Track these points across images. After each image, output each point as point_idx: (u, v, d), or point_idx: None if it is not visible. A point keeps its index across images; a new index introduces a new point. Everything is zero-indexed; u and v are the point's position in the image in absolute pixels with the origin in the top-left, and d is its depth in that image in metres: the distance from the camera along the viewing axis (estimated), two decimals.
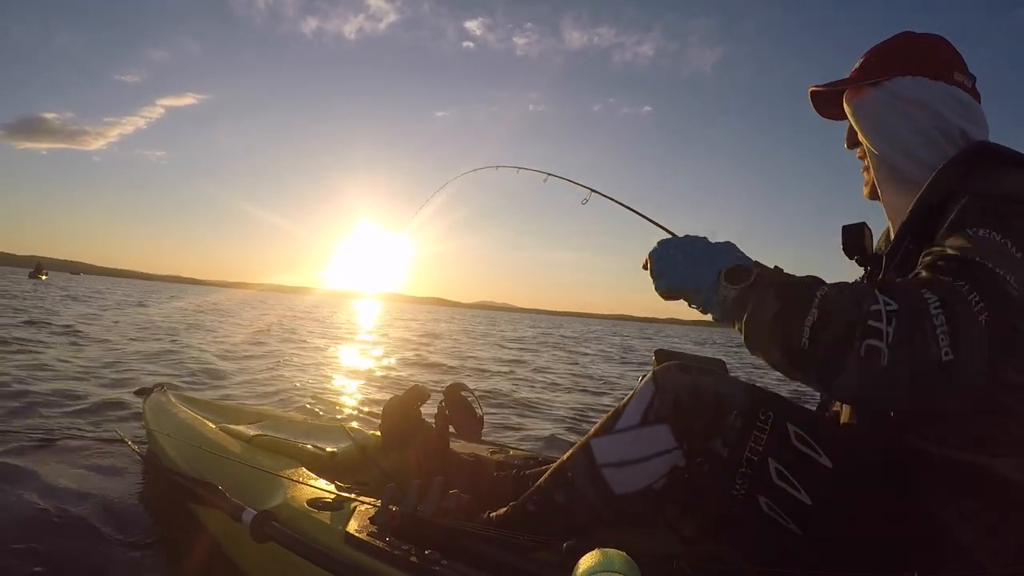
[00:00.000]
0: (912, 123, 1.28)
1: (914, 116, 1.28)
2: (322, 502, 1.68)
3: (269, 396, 5.55)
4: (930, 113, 1.26)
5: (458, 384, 2.16)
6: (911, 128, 1.28)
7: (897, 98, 1.30)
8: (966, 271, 0.93)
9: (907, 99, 1.29)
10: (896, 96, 1.30)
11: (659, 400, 1.37)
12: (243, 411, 3.07)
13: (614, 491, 1.38)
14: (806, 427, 1.26)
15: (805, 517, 1.22)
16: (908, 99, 1.28)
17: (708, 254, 1.19)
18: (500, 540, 1.38)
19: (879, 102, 1.33)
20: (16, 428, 3.60)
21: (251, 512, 1.59)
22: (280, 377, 6.72)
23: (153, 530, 2.43)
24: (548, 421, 5.44)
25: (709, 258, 1.18)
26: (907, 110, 1.29)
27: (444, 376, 7.82)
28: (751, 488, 1.26)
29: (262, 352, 9.12)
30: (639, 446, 1.37)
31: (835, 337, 0.93)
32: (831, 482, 1.21)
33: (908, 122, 1.28)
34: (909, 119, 1.28)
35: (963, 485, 1.11)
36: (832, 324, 0.94)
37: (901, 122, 1.29)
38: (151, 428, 2.76)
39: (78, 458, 3.18)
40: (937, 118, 1.26)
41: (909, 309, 0.89)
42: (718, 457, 1.30)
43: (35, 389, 4.80)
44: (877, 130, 1.33)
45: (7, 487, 2.66)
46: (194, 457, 2.24)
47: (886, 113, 1.31)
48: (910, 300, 0.90)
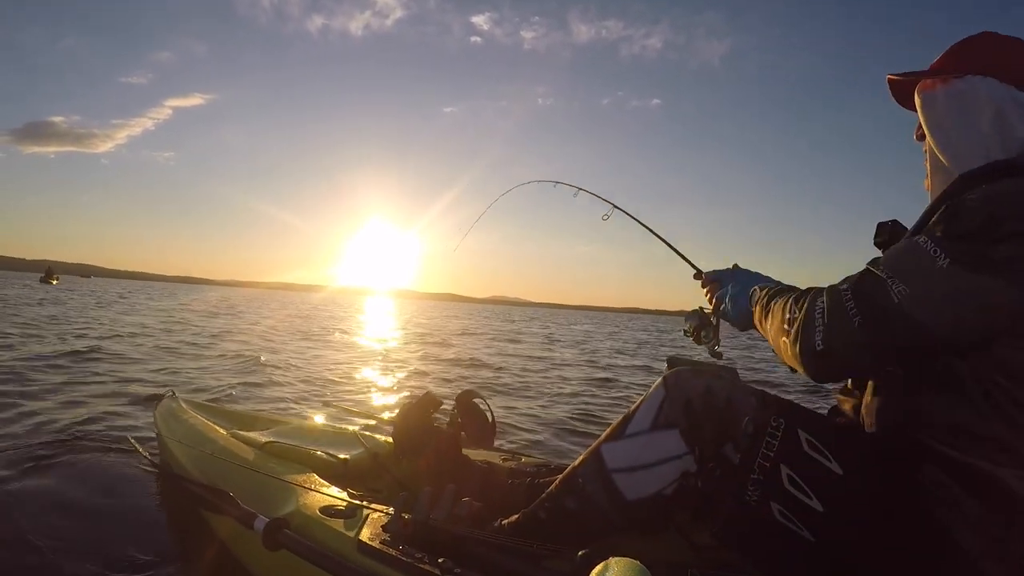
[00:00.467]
0: (971, 123, 1.27)
1: (974, 116, 1.26)
2: (335, 509, 1.68)
3: (281, 401, 5.55)
4: (991, 115, 1.24)
5: (470, 391, 2.16)
6: (969, 128, 1.27)
7: (962, 96, 1.28)
8: (860, 280, 1.15)
9: (972, 98, 1.27)
10: (962, 94, 1.29)
11: (669, 405, 1.37)
12: (255, 417, 3.08)
13: (625, 497, 1.38)
14: (817, 433, 1.27)
15: (817, 524, 1.22)
16: (973, 98, 1.27)
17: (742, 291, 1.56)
18: (512, 548, 1.37)
19: (945, 97, 1.31)
20: (28, 434, 3.62)
21: (263, 519, 1.59)
22: (296, 381, 6.72)
23: (165, 537, 2.44)
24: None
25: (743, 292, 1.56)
26: (969, 109, 1.27)
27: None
28: (764, 494, 1.26)
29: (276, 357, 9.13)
30: (649, 451, 1.37)
31: (774, 333, 1.31)
32: (842, 489, 1.22)
33: (967, 121, 1.27)
34: (969, 119, 1.27)
35: (969, 490, 1.12)
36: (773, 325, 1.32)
37: (960, 120, 1.28)
38: (162, 435, 2.77)
39: (89, 465, 3.19)
40: (998, 122, 1.24)
41: (806, 317, 1.19)
42: (730, 463, 1.30)
43: (47, 395, 4.82)
44: (936, 123, 1.33)
45: (18, 494, 2.67)
46: (206, 464, 2.24)
47: (949, 109, 1.30)
48: (809, 306, 1.19)
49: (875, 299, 1.11)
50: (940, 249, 1.07)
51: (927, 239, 1.10)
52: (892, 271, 1.11)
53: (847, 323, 1.12)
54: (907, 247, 1.14)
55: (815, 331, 1.16)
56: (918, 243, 1.11)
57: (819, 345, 1.15)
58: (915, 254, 1.11)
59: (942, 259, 1.06)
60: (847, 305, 1.13)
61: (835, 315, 1.14)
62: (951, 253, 1.06)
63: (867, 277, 1.15)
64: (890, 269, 1.12)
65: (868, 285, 1.13)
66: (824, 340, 1.15)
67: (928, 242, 1.10)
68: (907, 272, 1.10)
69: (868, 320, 1.10)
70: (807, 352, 1.17)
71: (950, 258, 1.05)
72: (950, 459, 1.13)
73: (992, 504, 1.10)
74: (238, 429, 2.61)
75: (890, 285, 1.10)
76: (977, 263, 1.04)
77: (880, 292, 1.11)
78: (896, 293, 1.09)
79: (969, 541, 1.11)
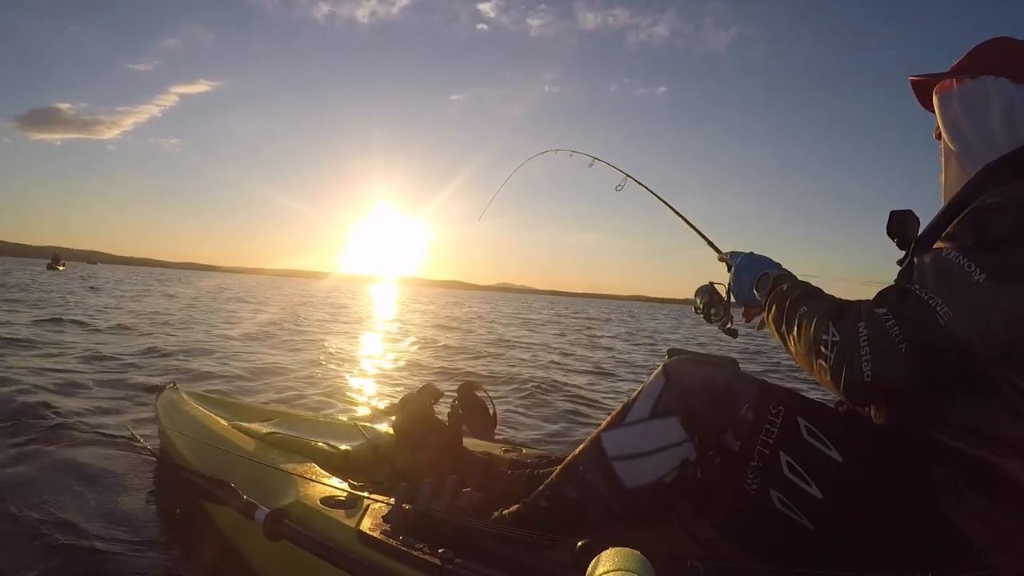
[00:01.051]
0: (982, 121, 1.32)
1: (986, 115, 1.31)
2: (335, 500, 1.68)
3: (286, 391, 5.56)
4: (1002, 114, 1.29)
5: (471, 383, 2.16)
6: (981, 126, 1.32)
7: (975, 96, 1.34)
8: (900, 302, 1.09)
9: (984, 97, 1.32)
10: (974, 94, 1.34)
11: (669, 393, 1.38)
12: (256, 409, 3.08)
13: (625, 485, 1.38)
14: (817, 421, 1.28)
15: (816, 512, 1.22)
16: (984, 98, 1.32)
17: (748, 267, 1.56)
18: (513, 538, 1.38)
19: (960, 97, 1.37)
20: (27, 424, 3.62)
21: (264, 510, 1.59)
22: (303, 374, 6.72)
23: (165, 528, 2.44)
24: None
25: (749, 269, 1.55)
26: (981, 108, 1.32)
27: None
28: (763, 482, 1.26)
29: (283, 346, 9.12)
30: (649, 439, 1.38)
31: (804, 351, 1.21)
32: (842, 476, 1.22)
33: (979, 120, 1.32)
34: (981, 117, 1.32)
35: (975, 481, 1.12)
36: (802, 341, 1.22)
37: (973, 118, 1.33)
38: (163, 425, 2.77)
39: (89, 455, 3.19)
40: (1009, 119, 1.29)
41: (845, 341, 1.11)
42: (730, 450, 1.31)
43: (47, 385, 4.83)
44: (951, 122, 1.38)
45: (18, 484, 2.68)
46: (206, 455, 2.24)
47: (963, 108, 1.35)
48: (847, 332, 1.11)
49: (921, 323, 1.06)
50: (972, 263, 1.06)
51: (957, 253, 1.09)
52: (932, 291, 1.07)
53: (894, 351, 1.06)
54: (938, 263, 1.11)
55: (860, 361, 1.09)
56: (949, 259, 1.09)
57: (868, 376, 1.08)
58: (949, 270, 1.08)
59: (977, 274, 1.05)
60: (892, 332, 1.07)
61: (880, 343, 1.08)
62: (985, 267, 1.05)
63: (908, 299, 1.09)
64: (928, 289, 1.08)
65: (911, 308, 1.08)
66: (873, 370, 1.08)
67: (959, 257, 1.08)
68: (947, 292, 1.06)
69: (915, 347, 1.05)
70: (855, 383, 1.10)
71: (985, 273, 1.05)
72: (957, 451, 1.13)
73: (999, 496, 1.10)
74: (239, 420, 2.61)
75: (934, 308, 1.06)
76: (1010, 275, 1.04)
77: (926, 316, 1.06)
78: (942, 315, 1.04)
79: (974, 532, 1.11)
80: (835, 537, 1.22)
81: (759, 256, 1.58)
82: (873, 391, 1.10)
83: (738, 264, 1.59)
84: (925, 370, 1.06)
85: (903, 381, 1.07)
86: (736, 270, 1.59)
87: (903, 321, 1.07)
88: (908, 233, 1.50)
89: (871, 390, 1.10)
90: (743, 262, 1.57)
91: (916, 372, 1.06)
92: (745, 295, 1.55)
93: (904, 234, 1.49)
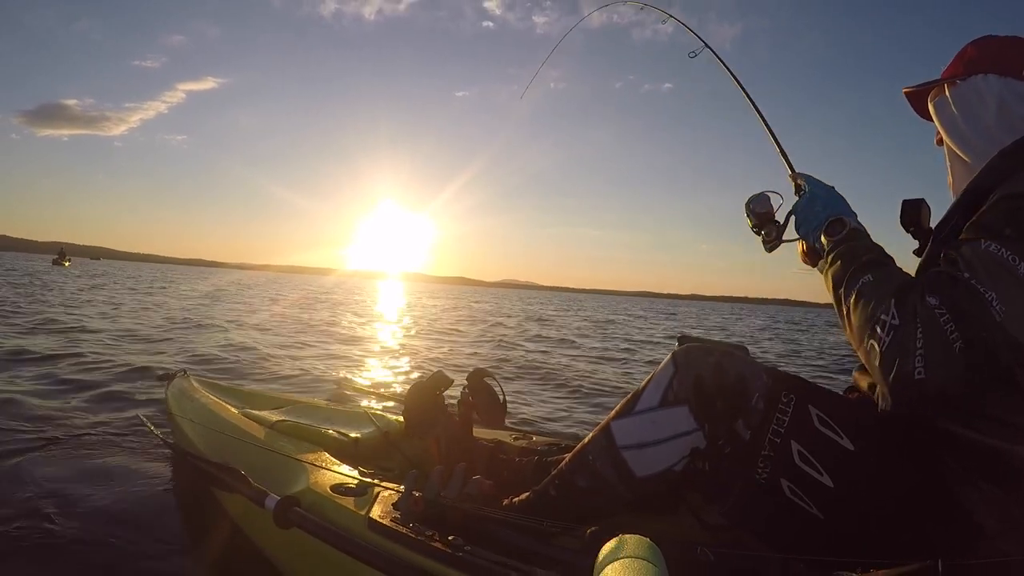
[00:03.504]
0: (978, 118, 1.34)
1: (981, 111, 1.34)
2: (345, 488, 1.68)
3: (298, 379, 5.58)
4: (995, 107, 1.32)
5: (481, 370, 2.16)
6: (977, 123, 1.34)
7: (967, 95, 1.37)
8: (954, 292, 1.04)
9: (976, 96, 1.35)
10: (968, 95, 1.37)
11: (679, 381, 1.37)
12: (266, 396, 3.09)
13: (635, 473, 1.38)
14: (828, 410, 1.27)
15: (827, 501, 1.22)
16: (977, 96, 1.35)
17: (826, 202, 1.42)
18: (523, 525, 1.38)
19: (954, 100, 1.39)
20: (40, 413, 3.65)
21: (274, 498, 1.60)
22: (312, 364, 6.74)
23: (176, 515, 2.46)
24: None
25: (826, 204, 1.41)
26: (975, 106, 1.35)
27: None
28: (774, 471, 1.26)
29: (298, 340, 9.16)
30: (659, 427, 1.37)
31: (859, 323, 1.16)
32: (853, 465, 1.22)
33: (975, 117, 1.35)
34: (976, 115, 1.35)
35: (987, 469, 1.11)
36: (858, 312, 1.17)
37: (969, 117, 1.36)
38: (174, 413, 2.79)
39: (100, 443, 3.22)
40: (1002, 112, 1.31)
41: (903, 329, 1.06)
42: (740, 439, 1.30)
43: (59, 374, 4.86)
44: (950, 125, 1.40)
45: (30, 472, 2.70)
46: (217, 442, 2.25)
47: (959, 110, 1.38)
48: (907, 320, 1.06)
49: (978, 319, 1.01)
50: (1017, 256, 1.03)
51: (999, 245, 1.05)
52: (980, 280, 1.04)
53: (948, 347, 1.01)
54: (981, 255, 1.06)
55: (914, 355, 1.03)
56: (991, 251, 1.05)
57: (919, 373, 1.03)
58: (994, 263, 1.04)
59: (1023, 268, 1.02)
60: (946, 328, 1.02)
61: (935, 336, 1.02)
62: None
63: (963, 288, 1.05)
64: (980, 281, 1.04)
65: (966, 299, 1.03)
66: (927, 368, 1.02)
67: (1001, 249, 1.05)
68: (998, 284, 1.02)
69: (972, 346, 1.01)
70: (904, 379, 1.05)
71: None
72: (969, 439, 1.12)
73: (1011, 483, 1.10)
74: (249, 408, 2.62)
75: (990, 302, 1.01)
76: None
77: (981, 309, 1.02)
78: (997, 311, 1.00)
79: (986, 519, 1.10)
80: (845, 526, 1.22)
81: (839, 196, 1.44)
82: (922, 392, 1.04)
83: (812, 193, 1.45)
84: (979, 371, 1.01)
85: (956, 384, 1.02)
86: (809, 199, 1.45)
87: (959, 315, 1.02)
88: (923, 223, 1.49)
89: (919, 391, 1.04)
90: (820, 192, 1.44)
91: (969, 371, 1.01)
92: (809, 230, 1.42)
93: (919, 224, 1.49)
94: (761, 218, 1.55)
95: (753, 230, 1.57)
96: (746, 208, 1.57)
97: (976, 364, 1.00)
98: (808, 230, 1.42)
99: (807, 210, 1.43)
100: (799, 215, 1.45)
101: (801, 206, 1.45)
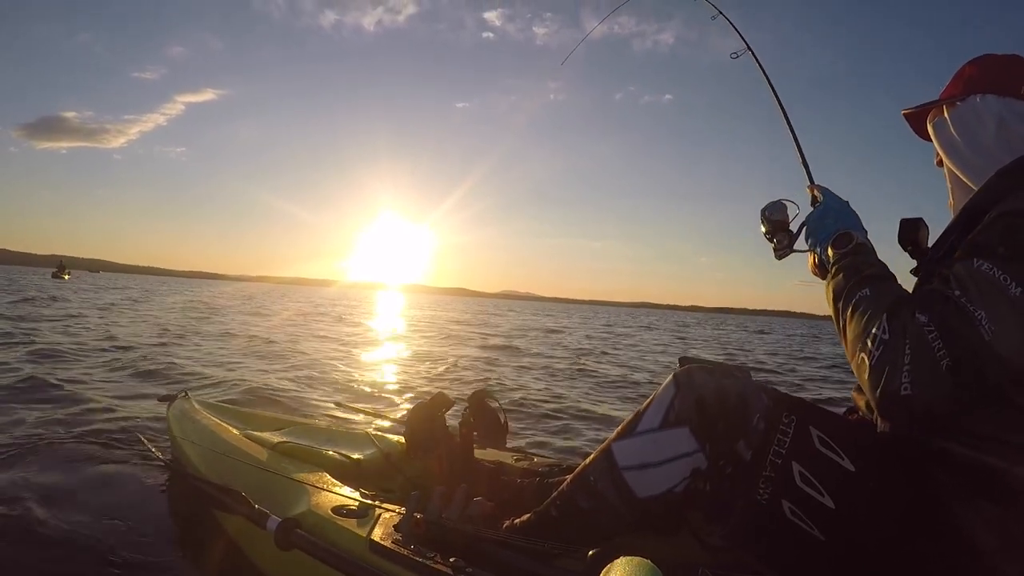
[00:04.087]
0: (978, 138, 1.35)
1: (980, 131, 1.34)
2: (347, 509, 1.68)
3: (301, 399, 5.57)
4: (994, 127, 1.32)
5: (482, 391, 2.16)
6: (977, 143, 1.35)
7: (966, 116, 1.38)
8: (944, 310, 1.06)
9: (974, 116, 1.36)
10: (967, 115, 1.38)
11: (680, 402, 1.37)
12: (267, 418, 3.09)
13: (636, 494, 1.38)
14: (830, 431, 1.28)
15: (829, 522, 1.22)
16: (975, 116, 1.36)
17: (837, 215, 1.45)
18: (524, 547, 1.38)
19: (953, 121, 1.40)
20: (38, 431, 3.64)
21: (275, 519, 1.59)
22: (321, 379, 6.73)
23: (176, 536, 2.45)
24: None
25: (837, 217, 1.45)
26: (975, 126, 1.36)
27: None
28: (775, 492, 1.26)
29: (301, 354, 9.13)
30: (660, 448, 1.37)
31: (852, 336, 1.19)
32: (854, 485, 1.22)
33: (975, 137, 1.36)
34: (976, 135, 1.35)
35: (985, 488, 1.12)
36: (852, 324, 1.20)
37: (969, 137, 1.37)
38: (175, 434, 2.78)
39: (101, 463, 3.21)
40: (1002, 131, 1.32)
41: (892, 344, 1.08)
42: (742, 460, 1.31)
43: (59, 393, 4.86)
44: (949, 146, 1.41)
45: (29, 490, 2.69)
46: (218, 464, 2.25)
47: (958, 131, 1.39)
48: (897, 336, 1.08)
49: (966, 338, 1.02)
50: (1008, 276, 1.04)
51: (991, 265, 1.06)
52: (970, 299, 1.05)
53: (935, 365, 1.03)
54: (973, 274, 1.08)
55: (901, 371, 1.06)
56: (983, 270, 1.06)
57: (905, 389, 1.05)
58: (986, 282, 1.05)
59: (1014, 288, 1.03)
60: (934, 345, 1.04)
61: (923, 354, 1.04)
62: (1021, 280, 1.03)
63: (949, 307, 1.06)
64: (968, 296, 1.05)
65: (955, 318, 1.04)
66: (913, 385, 1.04)
67: (993, 269, 1.05)
68: (988, 303, 1.03)
69: (959, 364, 1.02)
70: (890, 395, 1.07)
71: (1022, 287, 1.02)
72: (966, 458, 1.13)
73: (1009, 502, 1.10)
74: (250, 429, 2.62)
75: (979, 320, 1.02)
76: None
77: (969, 327, 1.03)
78: (987, 331, 1.01)
79: (986, 540, 1.11)
80: (845, 548, 1.22)
81: (852, 211, 1.47)
82: (908, 409, 1.06)
83: (826, 205, 1.48)
84: (966, 389, 1.03)
85: (943, 402, 1.04)
86: (822, 210, 1.48)
87: (947, 333, 1.03)
88: (921, 242, 1.50)
89: (906, 407, 1.06)
90: (834, 205, 1.47)
91: (956, 388, 1.02)
92: (818, 241, 1.44)
93: (916, 243, 1.50)
94: (775, 225, 1.58)
95: (766, 236, 1.60)
96: (761, 214, 1.60)
97: (963, 383, 1.02)
98: (816, 241, 1.46)
99: (818, 221, 1.47)
100: (810, 225, 1.49)
101: (813, 217, 1.49)
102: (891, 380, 1.07)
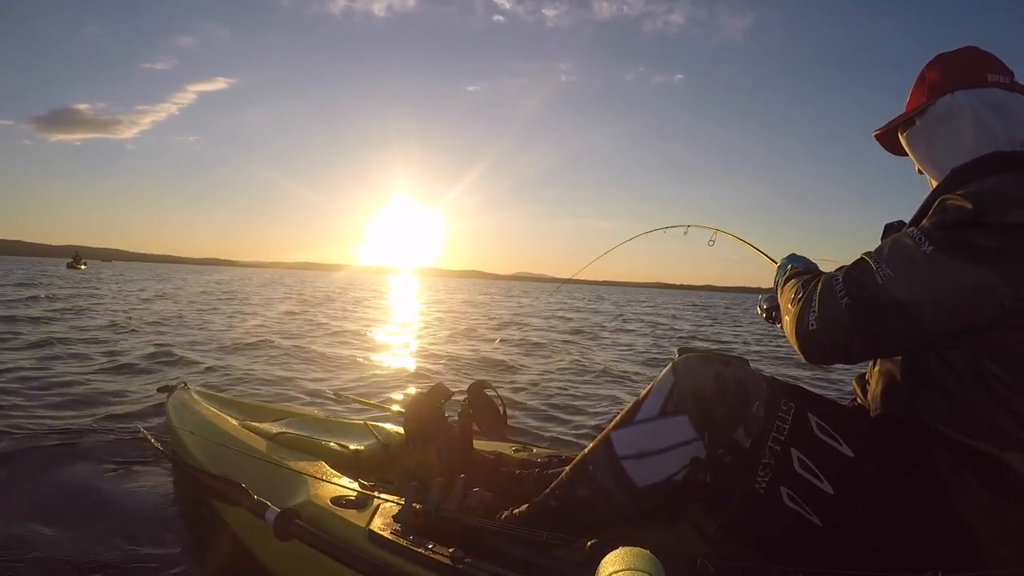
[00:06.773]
0: (956, 138, 1.33)
1: (957, 130, 1.33)
2: (346, 500, 1.68)
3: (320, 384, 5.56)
4: (972, 121, 1.31)
5: (481, 382, 2.16)
6: (956, 143, 1.33)
7: (941, 119, 1.36)
8: (852, 266, 1.22)
9: (948, 116, 1.34)
10: (940, 117, 1.36)
11: (679, 391, 1.37)
12: (266, 409, 3.09)
13: (635, 483, 1.38)
14: (828, 417, 1.29)
15: (827, 508, 1.23)
16: (948, 115, 1.34)
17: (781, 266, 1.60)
18: (523, 537, 1.38)
19: (927, 127, 1.39)
20: (39, 423, 3.65)
21: (275, 510, 1.59)
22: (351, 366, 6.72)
23: (176, 527, 2.46)
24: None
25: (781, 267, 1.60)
26: (950, 126, 1.34)
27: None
28: (774, 479, 1.27)
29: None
30: (659, 437, 1.37)
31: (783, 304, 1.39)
32: (853, 471, 1.24)
33: (952, 138, 1.34)
34: (953, 134, 1.34)
35: (981, 475, 1.12)
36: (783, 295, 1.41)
37: (946, 140, 1.35)
38: (174, 425, 2.79)
39: (101, 454, 3.22)
40: (979, 125, 1.30)
41: (807, 296, 1.26)
42: (741, 448, 1.31)
43: (59, 384, 4.86)
44: (926, 154, 1.41)
45: (30, 482, 2.70)
46: (217, 454, 2.25)
47: (934, 136, 1.38)
48: (811, 290, 1.26)
49: (862, 281, 1.17)
50: (925, 237, 1.13)
51: (915, 230, 1.16)
52: (879, 257, 1.17)
53: (836, 303, 1.19)
54: (896, 237, 1.19)
55: (810, 312, 1.23)
56: (907, 233, 1.17)
57: (812, 325, 1.22)
58: (902, 244, 1.16)
59: (926, 245, 1.11)
60: (837, 287, 1.20)
61: (826, 296, 1.21)
62: (935, 241, 1.11)
63: (858, 263, 1.21)
64: (878, 255, 1.18)
65: (857, 269, 1.20)
66: (817, 320, 1.21)
67: (915, 232, 1.15)
68: (893, 257, 1.15)
69: (856, 300, 1.16)
70: (802, 332, 1.24)
71: (933, 246, 1.10)
72: (957, 442, 1.14)
73: (1005, 490, 1.10)
74: (249, 420, 2.62)
75: (876, 268, 1.15)
76: (960, 251, 1.08)
77: (867, 275, 1.17)
78: (881, 275, 1.14)
79: (982, 527, 1.11)
80: (843, 533, 1.23)
81: (796, 256, 1.61)
82: (819, 342, 1.22)
83: (782, 263, 1.62)
84: (864, 327, 1.16)
85: (843, 335, 1.18)
86: (780, 267, 1.62)
87: (848, 279, 1.19)
88: None
89: (815, 340, 1.22)
90: (780, 262, 1.62)
91: (855, 328, 1.16)
92: (776, 281, 1.59)
93: None
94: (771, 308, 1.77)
95: (766, 320, 1.81)
96: (758, 307, 1.83)
97: (860, 317, 1.15)
98: (776, 281, 1.59)
99: (778, 272, 1.60)
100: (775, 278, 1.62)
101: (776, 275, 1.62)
102: (802, 320, 1.24)
